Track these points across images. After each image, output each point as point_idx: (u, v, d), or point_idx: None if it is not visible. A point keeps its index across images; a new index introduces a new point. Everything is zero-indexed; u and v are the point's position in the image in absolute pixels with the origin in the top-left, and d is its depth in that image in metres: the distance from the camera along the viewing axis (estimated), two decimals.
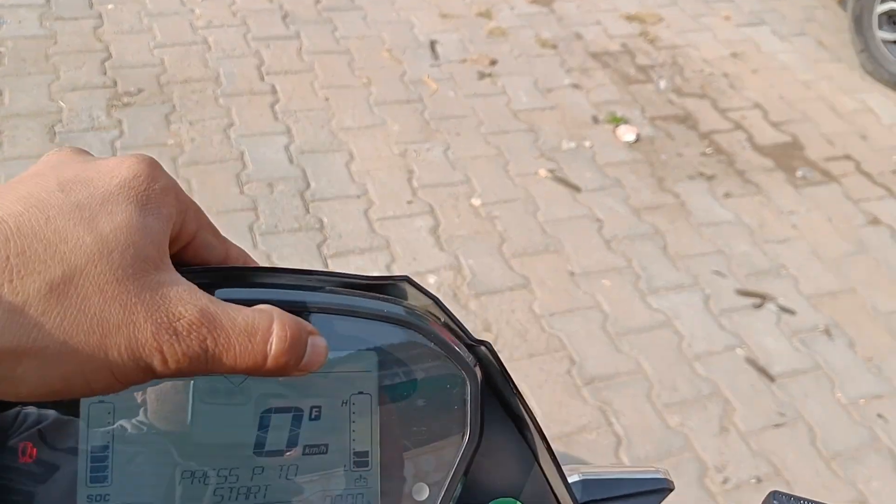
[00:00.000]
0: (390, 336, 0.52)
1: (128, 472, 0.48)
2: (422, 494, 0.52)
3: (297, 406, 0.50)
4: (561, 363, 2.33)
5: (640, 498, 0.64)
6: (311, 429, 0.50)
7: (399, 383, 0.52)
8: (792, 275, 2.75)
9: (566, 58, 3.63)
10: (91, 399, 0.47)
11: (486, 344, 0.54)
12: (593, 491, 0.62)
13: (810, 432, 2.27)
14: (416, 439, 0.52)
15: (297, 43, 3.42)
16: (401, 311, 0.53)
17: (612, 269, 2.65)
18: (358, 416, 0.51)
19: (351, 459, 0.51)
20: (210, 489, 0.49)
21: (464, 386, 0.53)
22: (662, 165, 3.12)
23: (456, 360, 0.53)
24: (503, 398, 0.56)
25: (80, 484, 0.47)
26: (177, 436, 0.49)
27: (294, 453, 0.50)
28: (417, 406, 0.52)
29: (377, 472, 0.51)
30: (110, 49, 3.20)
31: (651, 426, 2.21)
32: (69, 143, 2.76)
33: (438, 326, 0.54)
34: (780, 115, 3.52)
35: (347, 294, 0.53)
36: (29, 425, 0.47)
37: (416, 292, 0.55)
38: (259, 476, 0.49)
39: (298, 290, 0.52)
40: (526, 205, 2.84)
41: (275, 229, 2.57)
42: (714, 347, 2.45)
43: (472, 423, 0.52)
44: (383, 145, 2.98)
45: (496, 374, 0.55)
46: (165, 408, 0.48)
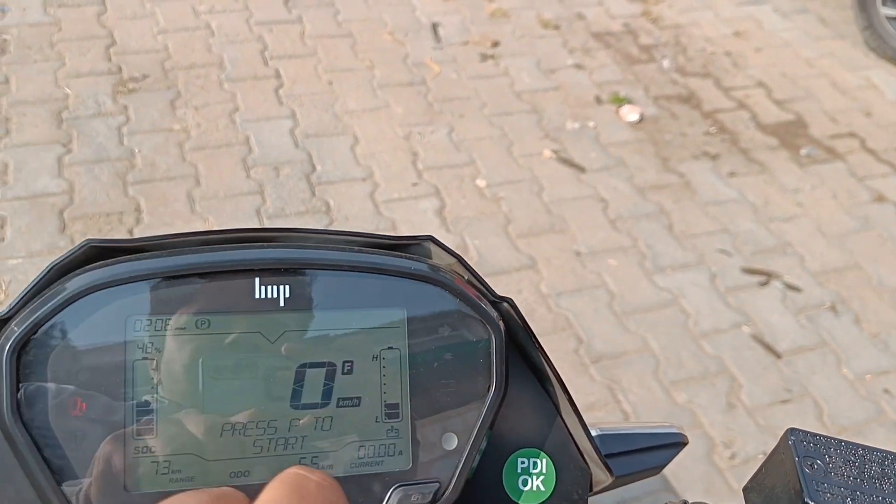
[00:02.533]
0: (417, 293, 0.53)
1: (171, 425, 0.49)
2: (451, 444, 0.53)
3: (330, 361, 0.51)
4: (568, 342, 2.35)
5: (655, 451, 0.65)
6: (345, 382, 0.52)
7: (427, 338, 0.53)
8: (797, 252, 2.76)
9: (568, 38, 3.63)
10: (136, 355, 0.49)
11: (509, 300, 0.55)
12: (611, 445, 0.64)
13: (817, 408, 2.28)
14: (444, 392, 0.53)
15: (300, 27, 3.41)
16: (426, 269, 0.54)
17: (617, 248, 2.66)
18: (388, 370, 0.52)
19: (383, 411, 0.52)
20: (250, 440, 0.50)
21: (489, 340, 0.54)
22: (666, 145, 3.13)
23: (481, 315, 0.54)
24: (526, 353, 0.58)
25: (127, 436, 0.48)
26: (218, 391, 0.50)
27: (329, 406, 0.51)
28: (445, 360, 0.53)
29: (408, 423, 0.53)
30: (114, 35, 3.20)
31: (658, 403, 2.23)
32: (76, 129, 2.77)
33: (463, 283, 0.55)
34: (784, 93, 3.51)
35: (375, 253, 0.55)
36: (69, 395, 0.48)
37: (440, 251, 0.57)
38: (296, 427, 0.51)
39: (327, 250, 0.54)
40: (531, 185, 2.84)
41: (282, 212, 2.58)
42: (720, 325, 2.46)
43: (497, 376, 0.54)
44: (387, 128, 2.98)
45: (519, 330, 0.57)
46: (208, 374, 0.50)
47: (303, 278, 0.52)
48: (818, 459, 0.43)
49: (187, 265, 0.50)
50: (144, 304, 0.49)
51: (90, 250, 0.51)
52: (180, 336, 0.50)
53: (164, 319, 0.49)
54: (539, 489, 0.57)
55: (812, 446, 0.44)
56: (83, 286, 0.48)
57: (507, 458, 0.57)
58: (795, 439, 0.44)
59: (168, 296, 0.50)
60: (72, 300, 0.48)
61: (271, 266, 0.51)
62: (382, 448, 0.52)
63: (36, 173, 2.58)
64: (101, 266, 0.50)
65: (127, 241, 0.52)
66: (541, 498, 0.57)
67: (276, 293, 0.51)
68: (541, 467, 0.58)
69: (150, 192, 2.58)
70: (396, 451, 0.52)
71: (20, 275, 2.28)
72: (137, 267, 0.50)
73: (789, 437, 0.44)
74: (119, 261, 0.51)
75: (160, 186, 2.61)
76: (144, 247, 0.53)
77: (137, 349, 0.49)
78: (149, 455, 0.49)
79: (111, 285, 0.49)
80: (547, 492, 0.57)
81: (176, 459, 0.49)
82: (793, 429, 0.45)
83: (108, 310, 0.49)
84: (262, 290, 0.51)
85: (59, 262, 0.50)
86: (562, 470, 0.58)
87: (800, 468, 0.43)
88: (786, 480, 0.44)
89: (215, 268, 0.51)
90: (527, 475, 0.57)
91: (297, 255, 0.52)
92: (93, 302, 0.49)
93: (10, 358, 0.47)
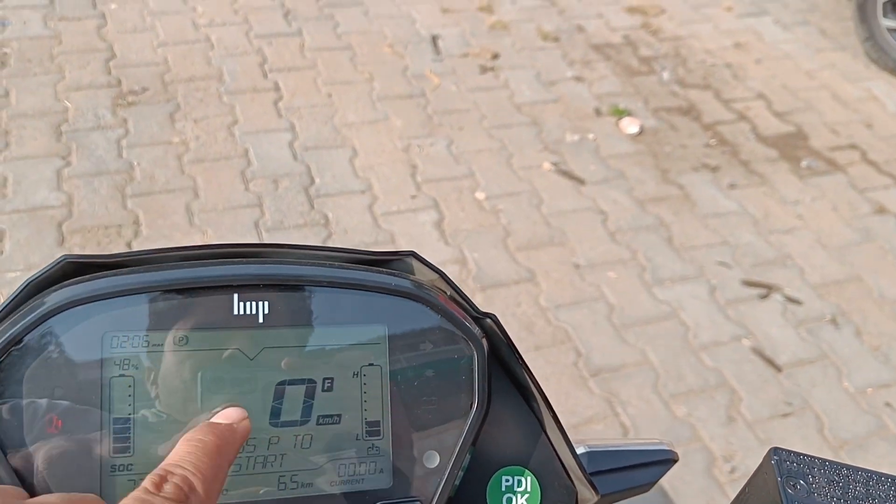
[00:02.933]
0: (399, 309, 0.53)
1: (148, 442, 0.48)
2: (432, 462, 0.53)
3: (310, 378, 0.51)
4: (567, 355, 2.34)
5: (644, 468, 0.65)
6: (325, 399, 0.51)
7: (408, 355, 0.53)
8: (798, 264, 2.75)
9: (568, 50, 3.63)
10: (112, 372, 0.48)
11: (492, 316, 0.55)
12: (599, 462, 0.63)
13: (818, 421, 2.27)
14: (426, 409, 0.53)
15: (299, 40, 3.42)
16: (408, 285, 0.54)
17: (617, 260, 2.65)
18: (369, 387, 0.52)
19: (363, 429, 0.52)
20: None
21: (471, 357, 0.54)
22: (666, 157, 3.12)
23: (463, 332, 0.53)
24: (510, 369, 0.57)
25: (104, 453, 0.48)
26: (196, 408, 0.50)
27: (308, 424, 0.51)
28: (426, 377, 0.53)
29: (389, 441, 0.52)
30: (114, 48, 3.21)
31: (658, 416, 2.22)
32: (76, 141, 2.77)
33: (445, 299, 0.54)
34: (784, 104, 3.51)
35: (356, 269, 0.54)
36: (44, 411, 0.48)
37: (422, 267, 0.56)
38: (275, 445, 0.50)
39: (308, 265, 0.53)
40: (530, 198, 2.84)
41: (280, 225, 2.58)
42: (720, 338, 2.45)
43: (480, 394, 0.53)
44: (386, 140, 2.98)
45: (502, 346, 0.56)
46: (187, 391, 0.49)
47: (282, 294, 0.51)
48: (801, 479, 0.43)
49: (165, 281, 0.50)
50: (122, 321, 0.49)
51: (67, 266, 0.51)
52: (159, 353, 0.49)
53: (142, 336, 0.49)
54: None
55: (795, 466, 0.43)
56: (60, 302, 0.48)
57: (491, 476, 0.57)
58: (779, 458, 0.43)
59: (146, 312, 0.49)
60: (48, 316, 0.48)
61: (250, 282, 0.51)
62: (363, 466, 0.52)
63: (35, 186, 2.59)
64: (77, 282, 0.50)
65: (104, 257, 0.52)
66: None
67: (255, 309, 0.51)
68: (525, 485, 0.57)
69: (148, 204, 2.58)
70: (377, 470, 0.52)
71: None
72: (115, 283, 0.49)
73: (772, 456, 0.44)
74: (96, 276, 0.50)
75: (159, 199, 2.61)
76: (122, 262, 0.52)
77: (114, 366, 0.48)
78: (125, 473, 0.48)
79: (88, 301, 0.48)
80: None
81: None
82: (776, 448, 0.44)
83: (84, 326, 0.48)
84: (241, 306, 0.50)
85: (35, 277, 0.50)
86: (546, 488, 0.57)
87: (782, 488, 0.42)
88: (769, 501, 0.43)
89: (193, 284, 0.50)
90: (511, 493, 0.57)
91: (277, 270, 0.52)
92: (69, 318, 0.48)
93: None
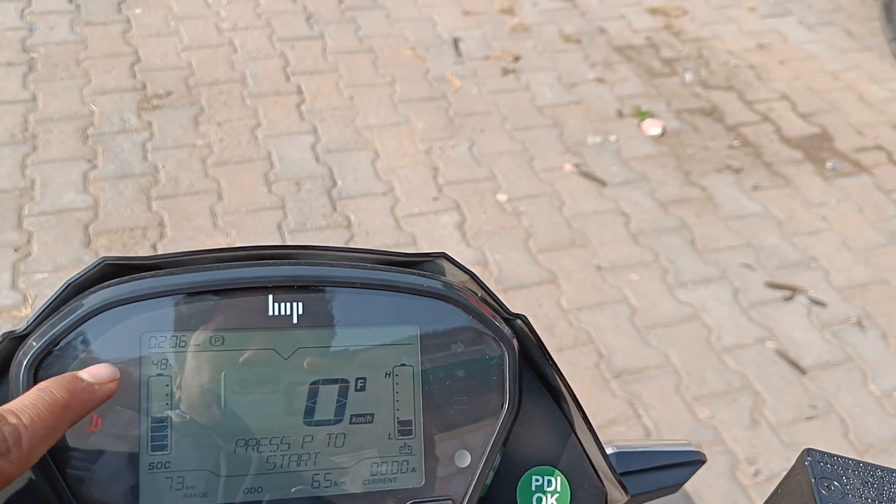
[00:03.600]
0: (430, 310, 0.54)
1: (185, 441, 0.49)
2: (463, 461, 0.53)
3: (343, 378, 0.52)
4: (589, 357, 2.33)
5: (672, 469, 0.65)
6: (358, 399, 0.52)
7: (440, 355, 0.53)
8: (822, 267, 2.72)
9: (590, 52, 3.63)
10: (150, 371, 0.49)
11: (523, 317, 0.55)
12: (627, 462, 0.63)
13: (842, 425, 2.25)
14: (457, 409, 0.53)
15: (322, 43, 3.44)
16: (439, 286, 0.54)
17: (639, 262, 2.64)
18: (401, 387, 0.53)
19: (396, 428, 0.52)
20: (264, 457, 0.51)
21: (502, 357, 0.54)
22: (689, 159, 3.11)
23: (494, 332, 0.54)
24: (540, 370, 0.58)
25: (142, 451, 0.49)
26: (232, 408, 0.50)
27: (341, 423, 0.52)
28: (458, 377, 0.53)
29: (421, 440, 0.53)
30: (139, 52, 3.24)
31: (680, 419, 2.21)
32: (101, 145, 2.81)
33: (476, 300, 0.55)
34: (809, 106, 3.48)
35: (387, 270, 0.55)
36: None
37: (453, 268, 0.57)
38: (309, 444, 0.51)
39: (341, 267, 0.54)
40: (552, 200, 2.84)
41: (303, 227, 2.59)
42: (744, 340, 2.44)
43: (511, 394, 0.54)
44: (408, 143, 2.99)
45: (532, 347, 0.56)
46: (222, 390, 0.50)
47: (316, 295, 0.52)
48: (835, 481, 0.43)
49: (202, 282, 0.51)
50: (160, 321, 0.50)
51: (106, 268, 0.52)
52: (195, 353, 0.50)
53: (179, 336, 0.50)
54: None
55: (829, 467, 0.43)
56: (99, 303, 0.49)
57: (521, 476, 0.57)
58: (812, 460, 0.43)
59: (183, 313, 0.50)
60: (88, 317, 0.49)
61: (284, 283, 0.52)
62: (395, 465, 0.52)
63: (62, 189, 2.62)
64: (116, 283, 0.51)
65: (142, 259, 0.53)
66: None
67: (289, 310, 0.51)
68: (555, 485, 0.57)
69: (173, 207, 2.61)
70: (409, 468, 0.52)
71: (46, 289, 2.31)
72: (153, 284, 0.50)
73: (806, 457, 0.43)
74: (134, 278, 0.51)
75: (183, 201, 2.63)
76: (160, 264, 0.53)
77: (153, 365, 0.49)
78: (163, 471, 0.49)
79: (127, 302, 0.49)
80: None
81: (190, 475, 0.50)
82: (809, 449, 0.44)
83: (123, 326, 0.49)
84: (276, 307, 0.51)
85: (75, 279, 0.51)
86: (577, 488, 0.57)
87: (816, 490, 0.42)
88: (802, 502, 0.43)
89: (229, 285, 0.51)
90: (541, 493, 0.57)
91: (311, 272, 0.53)
92: (109, 318, 0.49)
93: (28, 373, 0.47)
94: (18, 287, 2.31)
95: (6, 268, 2.35)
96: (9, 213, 2.52)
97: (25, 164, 2.69)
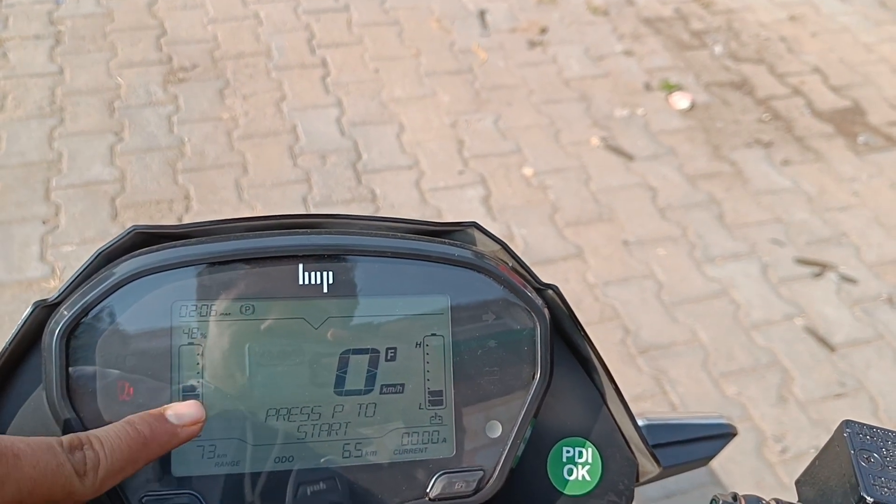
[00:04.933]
0: (461, 280, 0.53)
1: (217, 410, 0.49)
2: (495, 432, 0.53)
3: (373, 348, 0.51)
4: (615, 332, 2.32)
5: (703, 442, 0.64)
6: (388, 369, 0.51)
7: (471, 326, 0.53)
8: (853, 243, 2.68)
9: (618, 24, 3.57)
10: (181, 340, 0.49)
11: (554, 287, 0.54)
12: (658, 435, 0.62)
13: (872, 402, 2.22)
14: (489, 379, 0.53)
15: (347, 15, 3.42)
16: (470, 255, 0.53)
17: (666, 237, 2.62)
18: (432, 357, 0.52)
19: (426, 398, 0.52)
20: (294, 426, 0.50)
21: (533, 328, 0.53)
22: (718, 132, 3.06)
23: (525, 302, 0.53)
24: (571, 341, 0.57)
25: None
26: (263, 377, 0.50)
27: (372, 393, 0.51)
28: (489, 347, 0.53)
29: (451, 410, 0.52)
30: (165, 25, 3.24)
31: (707, 395, 2.19)
32: (128, 118, 2.82)
33: (507, 270, 0.54)
34: (841, 79, 3.41)
35: (418, 240, 0.54)
36: (116, 379, 0.49)
37: (484, 238, 0.56)
38: (339, 414, 0.51)
39: (371, 236, 0.53)
40: (578, 174, 2.81)
41: (328, 200, 2.59)
42: (772, 316, 2.41)
43: (542, 364, 0.53)
44: (434, 116, 2.98)
45: (564, 318, 0.56)
46: (253, 359, 0.50)
47: (346, 264, 0.52)
48: (875, 452, 0.42)
49: (232, 251, 0.50)
50: (190, 290, 0.50)
51: (136, 236, 0.52)
52: (225, 322, 0.50)
53: (209, 305, 0.50)
54: (584, 479, 0.56)
55: (868, 439, 0.42)
56: (130, 272, 0.49)
57: (552, 448, 0.56)
58: (851, 432, 0.42)
59: (213, 282, 0.50)
60: (119, 285, 0.49)
61: (314, 252, 0.51)
62: (426, 435, 0.52)
63: (89, 162, 2.64)
64: (147, 252, 0.51)
65: (172, 228, 0.53)
66: (586, 488, 0.56)
67: (319, 279, 0.51)
68: (586, 457, 0.57)
69: (199, 180, 2.62)
70: (440, 439, 0.52)
71: (74, 261, 2.33)
72: (183, 253, 0.50)
73: (845, 429, 0.43)
74: (165, 247, 0.51)
75: (209, 174, 2.64)
76: (190, 233, 0.53)
77: (183, 334, 0.49)
78: (194, 439, 0.49)
79: (157, 271, 0.49)
80: (593, 482, 0.56)
81: (221, 444, 0.50)
82: (848, 421, 0.43)
83: (154, 295, 0.49)
84: (306, 276, 0.51)
85: (105, 248, 0.51)
86: (608, 460, 0.57)
87: (856, 461, 0.41)
88: (841, 474, 0.42)
89: (259, 254, 0.51)
90: (572, 465, 0.57)
91: (340, 241, 0.52)
92: (139, 287, 0.49)
93: (60, 342, 0.47)
94: (47, 259, 2.33)
95: (35, 240, 2.38)
96: (37, 186, 2.54)
97: (53, 137, 2.71)
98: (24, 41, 3.09)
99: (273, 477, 0.50)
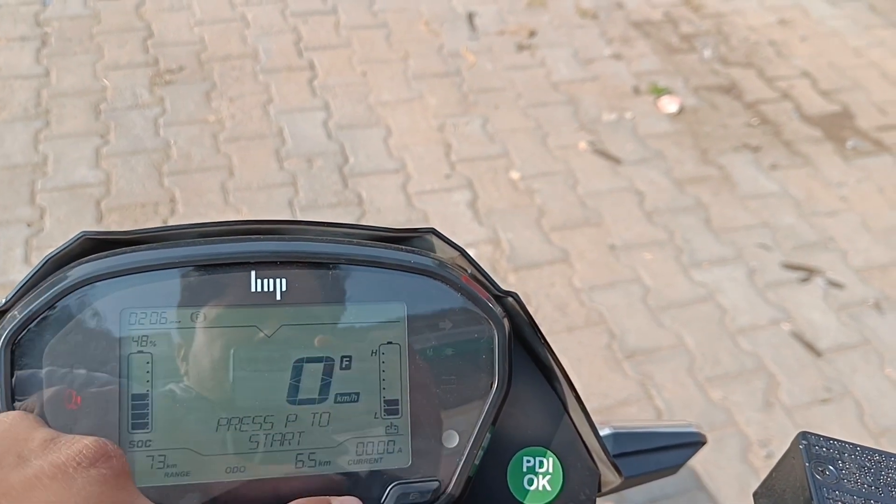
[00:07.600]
0: (418, 287, 0.52)
1: (167, 419, 0.48)
2: (451, 442, 0.52)
3: (328, 356, 0.50)
4: (601, 337, 2.31)
5: (671, 451, 0.63)
6: (343, 378, 0.51)
7: (428, 334, 0.52)
8: (840, 247, 2.68)
9: (607, 28, 3.57)
10: (131, 349, 0.48)
11: (514, 295, 0.54)
12: (625, 443, 0.61)
13: (858, 408, 2.22)
14: (446, 388, 0.52)
15: (335, 18, 3.41)
16: (429, 263, 0.53)
17: (653, 242, 2.61)
18: (388, 366, 0.51)
19: (382, 407, 0.51)
20: (246, 435, 0.50)
21: (491, 336, 0.52)
22: (706, 137, 3.06)
23: (483, 310, 0.52)
24: (531, 349, 0.56)
25: (123, 430, 0.48)
26: (214, 386, 0.49)
27: (326, 402, 0.50)
28: (446, 356, 0.52)
29: (408, 420, 0.51)
30: (152, 27, 3.23)
31: (693, 400, 2.19)
32: (114, 120, 2.81)
33: (466, 278, 0.53)
34: (830, 83, 3.42)
35: (375, 246, 0.53)
36: (63, 388, 0.48)
37: (443, 244, 0.55)
38: (293, 423, 0.50)
39: (327, 242, 0.52)
40: (565, 178, 2.81)
41: (314, 204, 2.58)
42: (758, 321, 2.41)
43: (501, 373, 0.52)
44: (421, 119, 2.97)
45: (524, 325, 0.55)
46: (204, 368, 0.49)
47: (300, 271, 0.51)
48: (830, 465, 0.41)
49: (183, 258, 0.49)
50: (140, 297, 0.49)
51: (86, 242, 0.51)
52: (176, 329, 0.49)
53: (159, 312, 0.49)
54: (545, 489, 0.56)
55: (825, 451, 0.42)
56: (78, 278, 0.48)
57: (511, 457, 0.56)
58: (807, 443, 0.42)
59: (164, 288, 0.49)
60: (67, 292, 0.48)
61: (267, 259, 0.50)
62: (381, 445, 0.51)
63: (74, 164, 2.63)
64: (96, 258, 0.50)
65: (122, 234, 0.52)
66: (547, 498, 0.56)
67: (272, 286, 0.50)
68: (547, 466, 0.56)
69: (184, 183, 2.61)
70: (396, 449, 0.51)
71: None
72: (133, 259, 0.49)
73: (801, 440, 0.42)
74: (114, 253, 0.50)
75: (195, 177, 2.63)
76: (140, 239, 0.52)
77: (132, 342, 0.48)
78: (144, 449, 0.48)
79: (106, 277, 0.48)
80: (553, 492, 0.56)
81: (171, 454, 0.49)
82: (804, 432, 0.42)
83: (103, 302, 0.48)
84: (259, 283, 0.50)
85: (54, 254, 0.50)
86: (569, 469, 0.56)
87: (810, 474, 0.40)
88: (795, 486, 0.41)
89: (211, 260, 0.50)
90: (532, 474, 0.56)
91: (295, 247, 0.51)
92: (88, 294, 0.48)
93: (6, 349, 0.46)
94: (31, 262, 2.32)
95: (19, 243, 2.36)
96: (22, 189, 2.53)
97: (38, 140, 2.69)
98: (9, 42, 3.08)
99: (224, 487, 0.49)
